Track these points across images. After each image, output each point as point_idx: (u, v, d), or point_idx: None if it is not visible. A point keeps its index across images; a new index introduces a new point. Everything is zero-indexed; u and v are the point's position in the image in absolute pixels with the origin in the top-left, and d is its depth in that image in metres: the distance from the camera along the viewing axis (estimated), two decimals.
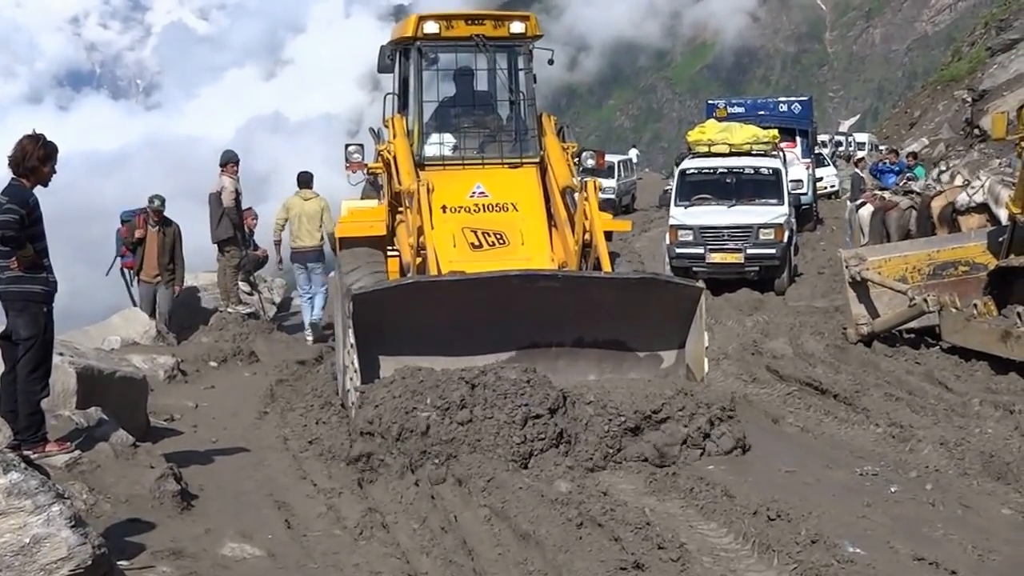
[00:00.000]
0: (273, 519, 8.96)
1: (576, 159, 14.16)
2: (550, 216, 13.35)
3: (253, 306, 20.09)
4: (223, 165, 18.83)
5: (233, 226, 18.75)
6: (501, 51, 14.16)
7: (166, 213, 17.83)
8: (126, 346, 16.30)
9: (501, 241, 12.78)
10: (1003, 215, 18.59)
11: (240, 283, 19.64)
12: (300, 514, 9.11)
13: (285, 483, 10.09)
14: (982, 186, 19.15)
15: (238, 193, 18.88)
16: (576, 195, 12.72)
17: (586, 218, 12.43)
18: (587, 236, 12.49)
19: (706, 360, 11.59)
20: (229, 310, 18.84)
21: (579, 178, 13.46)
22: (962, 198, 19.38)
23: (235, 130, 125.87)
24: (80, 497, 8.40)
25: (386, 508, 9.08)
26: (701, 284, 11.85)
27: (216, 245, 18.74)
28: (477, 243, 12.70)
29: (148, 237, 17.57)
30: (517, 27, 13.80)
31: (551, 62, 14.20)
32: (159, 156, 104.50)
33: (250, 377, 15.75)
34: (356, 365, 10.66)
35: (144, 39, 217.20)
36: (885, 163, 29.93)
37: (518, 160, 13.89)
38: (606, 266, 12.15)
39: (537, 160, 13.87)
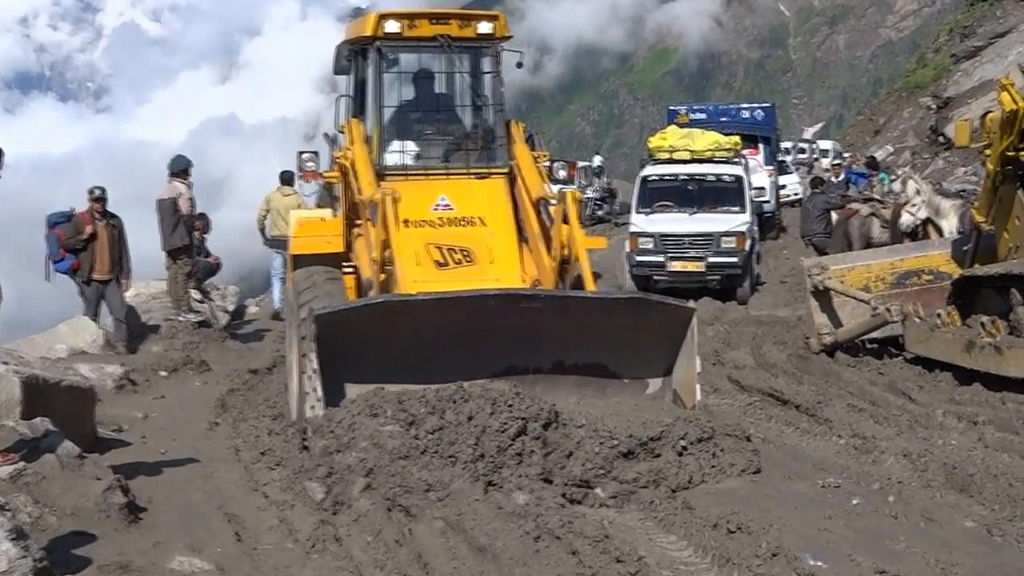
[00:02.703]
0: (223, 532, 8.90)
1: (547, 169, 13.79)
2: (520, 231, 12.90)
3: (204, 314, 20.02)
4: (176, 173, 18.75)
5: (187, 234, 18.73)
6: (467, 53, 13.59)
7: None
8: (73, 355, 16.17)
9: (468, 259, 12.25)
10: (945, 226, 18.78)
11: (191, 291, 19.57)
12: (251, 527, 9.05)
13: (236, 495, 10.01)
14: (923, 201, 19.36)
15: (192, 200, 18.85)
16: (552, 207, 12.32)
17: (564, 233, 12.05)
18: (565, 251, 12.08)
19: (698, 387, 11.19)
20: (180, 318, 18.75)
21: (558, 187, 13.18)
22: (906, 219, 19.58)
23: (188, 134, 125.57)
24: (24, 509, 8.33)
25: (339, 521, 8.98)
26: (693, 305, 11.39)
27: (167, 253, 18.64)
28: (442, 261, 12.18)
29: (98, 232, 17.33)
30: (485, 27, 13.23)
31: (520, 65, 13.69)
32: (109, 161, 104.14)
33: (201, 387, 15.64)
34: (319, 392, 10.26)
35: (95, 41, 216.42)
36: (859, 167, 30.35)
37: (485, 170, 13.32)
38: (590, 285, 11.62)
39: (506, 171, 13.31)
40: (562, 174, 14.39)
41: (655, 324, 11.17)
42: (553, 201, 12.36)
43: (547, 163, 13.78)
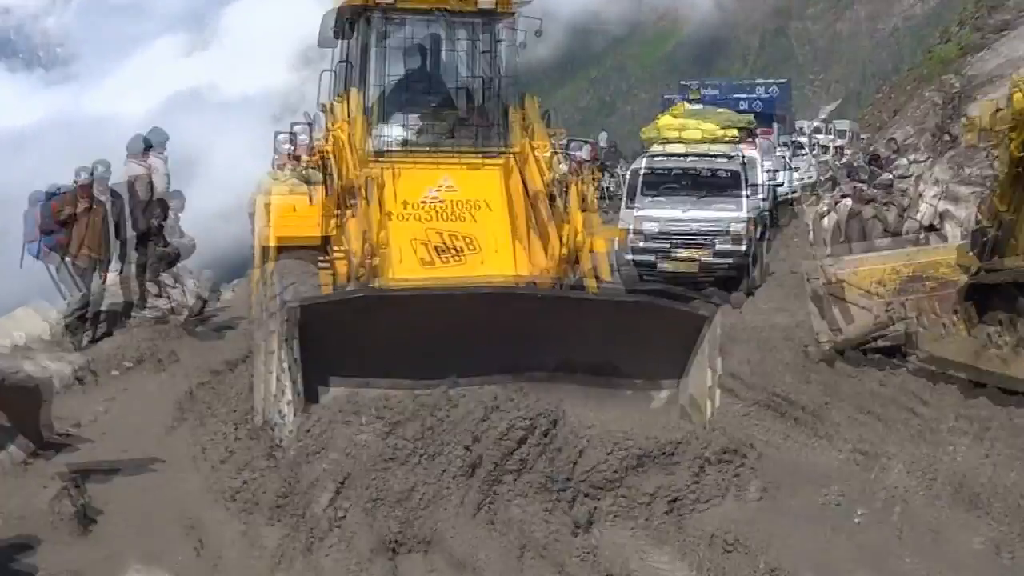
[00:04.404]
0: (182, 542, 8.94)
1: (564, 149, 13.33)
2: (523, 221, 12.56)
3: (172, 301, 19.98)
4: (150, 148, 18.70)
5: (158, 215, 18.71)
6: (467, 27, 13.32)
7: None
8: (24, 346, 16.13)
9: (462, 252, 11.89)
10: (949, 231, 18.80)
11: (159, 276, 19.52)
12: (213, 537, 9.08)
13: (197, 503, 10.01)
14: (942, 193, 19.41)
15: (167, 177, 18.81)
16: (565, 191, 12.12)
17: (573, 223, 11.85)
18: (577, 240, 11.87)
19: (714, 395, 10.91)
20: (147, 305, 18.72)
21: (570, 165, 12.81)
22: (925, 210, 19.64)
23: (155, 108, 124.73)
24: None
25: (308, 531, 9.03)
26: (711, 307, 11.22)
27: (136, 235, 18.58)
28: (433, 255, 11.82)
29: (93, 210, 17.31)
30: (486, 1, 12.91)
31: (524, 45, 13.29)
32: (70, 136, 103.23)
33: (163, 383, 15.60)
34: (292, 392, 10.00)
35: (55, 5, 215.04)
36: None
37: (485, 155, 12.99)
38: (606, 275, 11.56)
39: (509, 155, 12.97)
40: (580, 154, 13.85)
41: (666, 327, 10.91)
42: (569, 186, 12.16)
43: (563, 142, 13.39)
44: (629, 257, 23.09)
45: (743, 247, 23.31)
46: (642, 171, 24.88)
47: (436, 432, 9.55)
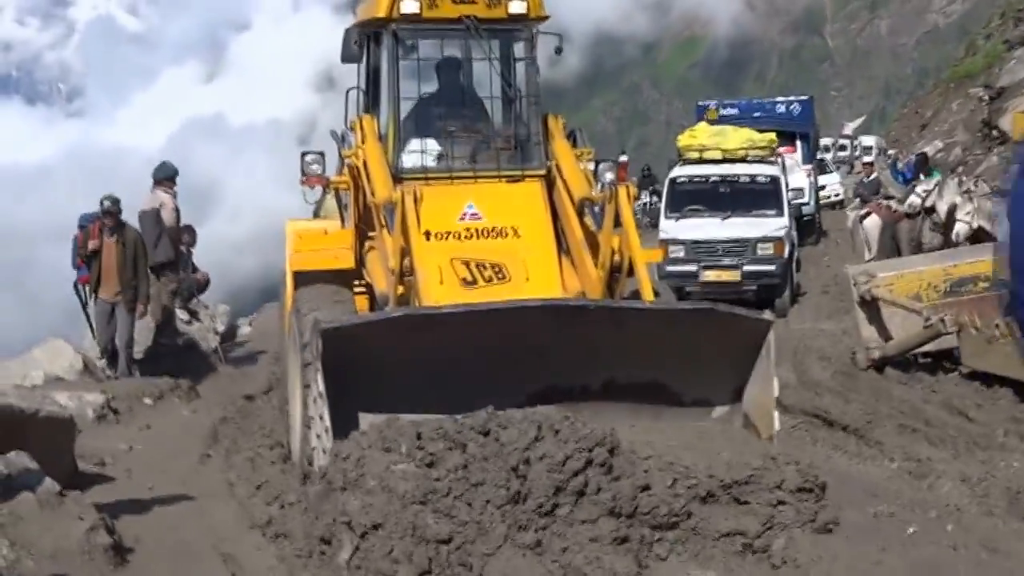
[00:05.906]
0: (217, 574, 8.89)
1: (592, 170, 13.13)
2: (559, 241, 12.34)
3: (192, 336, 20.03)
4: (160, 181, 18.77)
5: (173, 248, 18.74)
6: (497, 37, 13.05)
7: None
8: (50, 381, 16.16)
9: (500, 276, 11.56)
10: (1001, 232, 18.74)
11: (178, 311, 19.58)
12: (248, 568, 9.01)
13: (231, 534, 9.98)
14: (976, 209, 19.34)
15: (177, 211, 18.87)
16: (602, 207, 11.93)
17: (615, 239, 11.64)
18: (616, 258, 11.68)
19: (776, 413, 10.51)
20: (165, 341, 18.76)
21: (605, 185, 12.64)
22: (960, 228, 19.57)
23: (169, 138, 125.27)
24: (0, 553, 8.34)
25: (346, 566, 8.93)
26: (770, 316, 10.72)
27: (150, 269, 18.63)
28: (470, 279, 11.49)
29: (104, 248, 17.18)
30: (517, 7, 12.61)
31: (559, 51, 13.14)
32: (84, 169, 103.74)
33: (190, 415, 15.65)
34: (327, 421, 9.67)
35: (67, 37, 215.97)
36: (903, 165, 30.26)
37: (519, 172, 12.76)
38: (648, 296, 11.29)
39: (543, 173, 12.78)
40: (609, 176, 13.80)
41: (724, 339, 10.46)
42: (606, 202, 11.91)
43: (591, 162, 13.39)
44: (670, 268, 23.15)
45: (786, 253, 23.34)
46: (680, 180, 24.94)
47: (476, 463, 9.23)
